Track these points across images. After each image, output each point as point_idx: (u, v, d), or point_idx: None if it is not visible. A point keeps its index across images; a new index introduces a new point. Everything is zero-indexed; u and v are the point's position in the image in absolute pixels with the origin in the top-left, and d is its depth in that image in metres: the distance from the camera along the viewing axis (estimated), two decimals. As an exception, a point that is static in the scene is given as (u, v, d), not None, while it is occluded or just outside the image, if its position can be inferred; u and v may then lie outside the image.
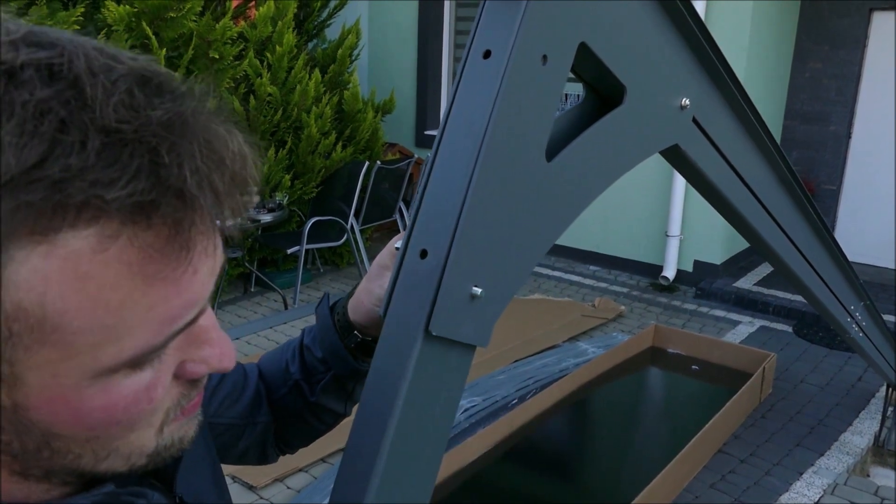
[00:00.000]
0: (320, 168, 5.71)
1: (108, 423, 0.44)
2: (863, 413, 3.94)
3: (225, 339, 0.49)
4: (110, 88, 0.38)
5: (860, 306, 2.10)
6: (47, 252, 0.37)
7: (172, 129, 0.39)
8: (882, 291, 5.61)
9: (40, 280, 0.37)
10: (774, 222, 1.24)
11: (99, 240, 0.38)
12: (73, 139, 0.36)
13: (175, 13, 4.59)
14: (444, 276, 0.59)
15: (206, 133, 0.41)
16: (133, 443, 0.47)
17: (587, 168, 0.72)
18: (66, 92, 0.37)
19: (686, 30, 0.81)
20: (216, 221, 0.44)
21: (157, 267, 0.40)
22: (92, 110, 0.37)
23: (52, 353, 0.40)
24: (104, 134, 0.37)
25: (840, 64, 6.09)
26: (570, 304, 5.39)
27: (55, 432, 0.43)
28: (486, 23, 0.62)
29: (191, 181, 0.39)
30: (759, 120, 1.04)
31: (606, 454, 3.67)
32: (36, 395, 0.41)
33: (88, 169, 0.36)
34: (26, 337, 0.38)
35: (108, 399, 0.43)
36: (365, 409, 0.62)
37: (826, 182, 6.33)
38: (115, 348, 0.41)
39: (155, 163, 0.38)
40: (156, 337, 0.43)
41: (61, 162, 0.36)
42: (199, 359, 0.48)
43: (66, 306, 0.38)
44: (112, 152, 0.37)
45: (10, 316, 0.38)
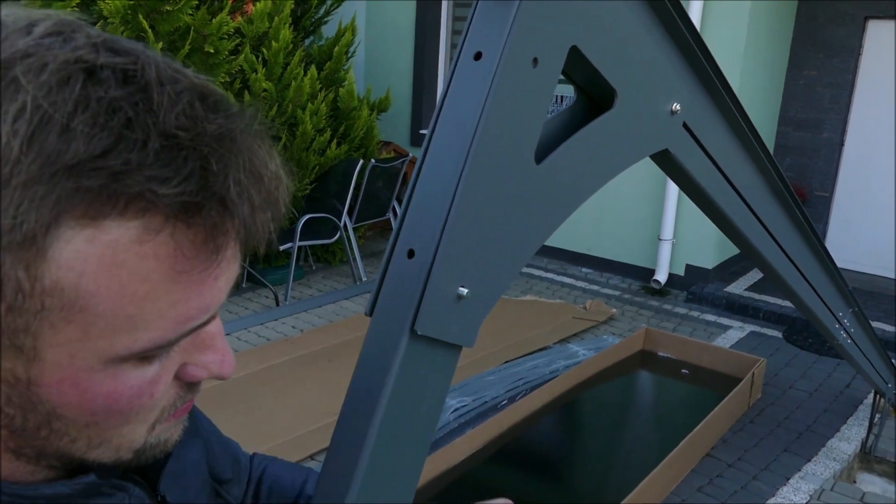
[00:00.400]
0: (314, 165, 5.70)
1: (110, 411, 0.46)
2: (850, 419, 3.96)
3: (228, 349, 0.52)
4: (174, 98, 0.42)
5: (848, 313, 2.11)
6: (92, 236, 0.40)
7: (223, 142, 0.43)
8: (871, 299, 5.64)
9: (80, 261, 0.40)
10: (764, 227, 1.25)
11: (142, 232, 0.41)
12: (136, 137, 0.40)
13: (171, 6, 4.58)
14: (430, 276, 0.59)
15: (250, 152, 0.45)
16: (125, 435, 0.49)
17: (576, 171, 0.72)
18: (136, 95, 0.41)
19: (678, 35, 0.82)
20: (243, 234, 0.46)
21: (187, 266, 0.43)
22: (156, 115, 0.41)
23: (74, 333, 0.42)
24: (164, 137, 0.40)
25: (834, 72, 6.12)
26: (561, 305, 5.39)
27: (59, 413, 0.45)
28: (478, 25, 0.62)
29: (233, 191, 0.43)
30: (749, 126, 1.05)
31: (595, 456, 3.68)
32: (49, 373, 0.43)
33: (146, 165, 0.40)
34: (56, 313, 0.41)
35: (114, 387, 0.45)
36: (349, 407, 0.62)
37: (818, 189, 6.35)
38: (130, 337, 0.43)
39: (205, 169, 0.42)
40: (169, 333, 0.45)
41: (123, 156, 0.39)
42: (201, 363, 0.50)
43: (98, 290, 0.41)
44: (169, 154, 0.40)
45: (47, 291, 0.40)
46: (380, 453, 0.60)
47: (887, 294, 5.79)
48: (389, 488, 0.62)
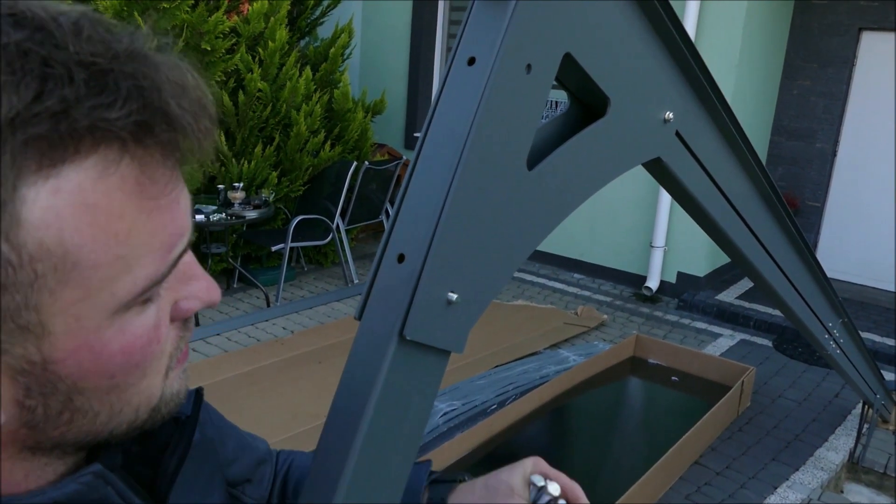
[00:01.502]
0: (308, 166, 5.70)
1: (127, 366, 0.45)
2: (839, 429, 3.98)
3: (207, 275, 0.51)
4: (74, 28, 0.40)
5: (838, 323, 2.11)
6: (55, 188, 0.38)
7: (139, 60, 0.41)
8: (862, 309, 5.66)
9: (54, 217, 0.38)
10: (754, 237, 1.25)
11: (102, 167, 0.40)
12: (60, 73, 0.38)
13: (168, 3, 4.57)
14: (420, 281, 0.59)
15: (165, 65, 0.43)
16: (143, 391, 0.48)
17: (568, 178, 0.72)
18: (37, 34, 0.39)
19: (672, 43, 0.82)
20: (192, 146, 0.45)
21: (154, 190, 0.42)
22: (65, 48, 0.39)
23: (75, 293, 0.41)
24: (84, 67, 0.39)
25: (828, 82, 6.15)
26: (552, 311, 5.40)
27: (80, 387, 0.44)
28: (472, 30, 0.62)
29: (172, 103, 0.42)
30: (741, 135, 1.05)
31: (584, 462, 3.68)
32: (62, 345, 0.42)
33: (83, 97, 0.38)
34: (51, 278, 0.39)
35: (125, 339, 0.44)
36: (337, 411, 0.61)
37: (811, 199, 6.38)
38: (129, 279, 0.42)
39: (138, 87, 0.40)
40: (160, 265, 0.44)
41: (57, 94, 0.37)
42: (189, 294, 0.49)
43: (83, 240, 0.39)
44: (98, 81, 0.39)
45: (35, 256, 0.38)
46: (367, 456, 0.60)
47: (878, 305, 5.82)
48: (376, 491, 0.61)
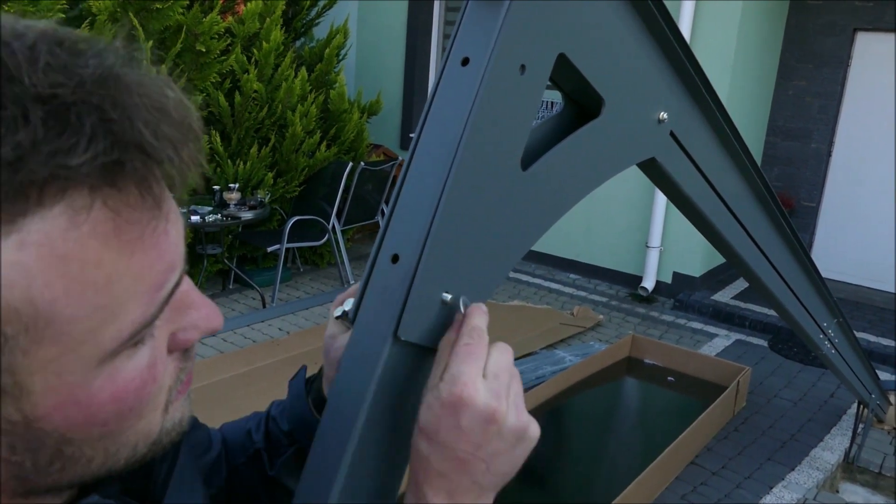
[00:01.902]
0: (304, 167, 5.69)
1: (120, 413, 0.42)
2: (834, 429, 3.99)
3: (207, 301, 0.48)
4: (30, 54, 0.35)
5: (833, 323, 2.12)
6: (20, 242, 0.35)
7: (108, 84, 0.37)
8: (857, 309, 5.68)
9: (20, 274, 0.35)
10: (749, 237, 1.25)
11: (70, 215, 0.36)
12: (13, 113, 0.34)
13: (161, 4, 4.57)
14: (414, 282, 0.59)
15: (140, 87, 0.39)
16: (141, 430, 0.45)
17: (562, 178, 0.72)
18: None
19: (666, 44, 0.82)
20: (175, 176, 0.41)
21: (134, 232, 0.39)
22: (20, 81, 0.34)
23: (52, 350, 0.38)
24: (42, 102, 0.34)
25: (823, 82, 6.17)
26: (548, 311, 5.40)
27: (69, 438, 0.41)
28: (466, 30, 0.62)
29: (146, 133, 0.37)
30: (736, 135, 1.05)
31: (580, 462, 3.68)
32: (44, 402, 0.39)
33: (41, 141, 0.34)
34: (22, 338, 0.36)
35: (116, 387, 0.41)
36: (331, 411, 0.61)
37: (806, 199, 6.40)
38: (113, 328, 0.39)
39: (105, 120, 0.36)
40: (149, 307, 0.41)
41: (10, 140, 0.33)
42: (188, 325, 0.46)
43: (55, 294, 0.36)
44: (58, 119, 0.35)
45: (2, 319, 0.35)
46: (361, 457, 0.60)
47: (873, 304, 5.83)
48: (370, 491, 0.61)
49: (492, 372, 0.55)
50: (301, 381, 0.80)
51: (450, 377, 0.54)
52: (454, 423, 0.53)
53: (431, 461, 0.54)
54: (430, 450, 0.54)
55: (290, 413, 0.79)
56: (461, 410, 0.53)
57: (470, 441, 0.53)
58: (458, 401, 0.53)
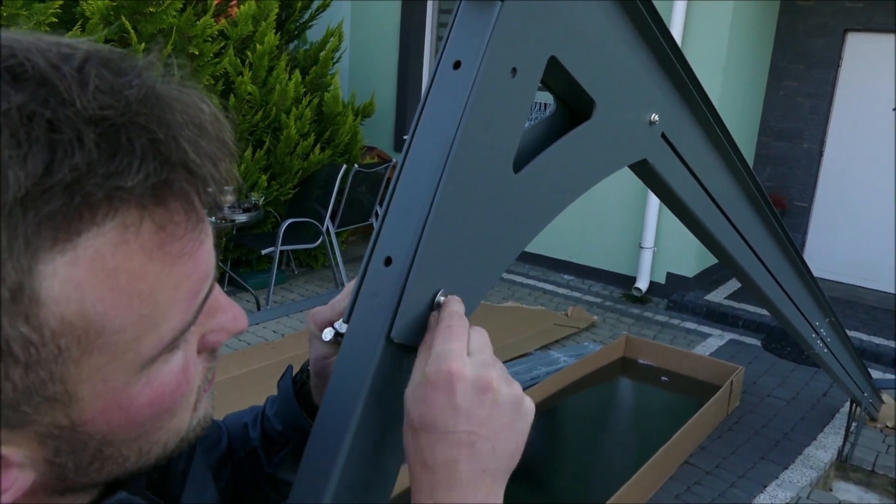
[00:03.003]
0: (298, 169, 5.69)
1: (157, 415, 0.44)
2: (827, 428, 4.00)
3: (233, 303, 0.50)
4: (80, 77, 0.37)
5: (825, 322, 2.13)
6: (73, 259, 0.36)
7: (151, 104, 0.38)
8: (849, 308, 5.70)
9: (74, 289, 0.37)
10: (740, 237, 1.26)
11: (120, 231, 0.37)
12: (68, 137, 0.35)
13: (155, 8, 4.56)
14: (407, 284, 0.59)
15: (179, 103, 0.40)
16: (173, 429, 0.47)
17: (555, 180, 0.72)
18: (40, 92, 0.35)
19: (657, 46, 0.82)
20: (215, 190, 0.43)
21: (177, 246, 0.40)
22: (72, 104, 0.36)
23: (100, 359, 0.39)
24: (94, 125, 0.36)
25: (814, 83, 6.19)
26: (542, 312, 5.41)
27: (109, 440, 0.43)
28: (457, 34, 0.63)
29: (191, 152, 0.39)
30: (727, 136, 1.06)
31: (575, 462, 3.69)
32: (90, 408, 0.41)
33: (96, 163, 0.35)
34: (74, 349, 0.38)
35: (154, 391, 0.43)
36: (325, 413, 0.62)
37: (798, 199, 6.43)
38: (154, 336, 0.41)
39: (153, 140, 0.37)
40: (186, 315, 0.43)
41: (67, 163, 0.35)
42: (217, 327, 0.48)
43: (105, 307, 0.38)
44: (110, 141, 0.36)
45: (57, 332, 0.37)
46: (355, 457, 0.60)
47: (865, 304, 5.86)
48: (364, 492, 0.62)
49: (475, 347, 0.56)
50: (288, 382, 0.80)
51: (435, 357, 0.54)
52: (449, 402, 0.52)
53: (436, 455, 0.52)
54: (429, 441, 0.53)
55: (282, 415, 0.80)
56: (454, 386, 0.52)
57: (469, 417, 0.52)
58: (448, 376, 0.52)
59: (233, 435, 0.83)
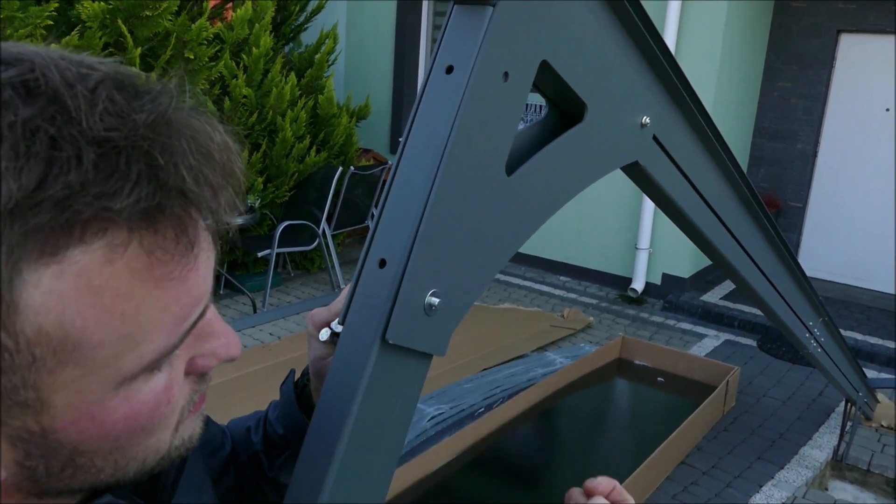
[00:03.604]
0: (293, 172, 5.70)
1: (132, 431, 0.44)
2: (823, 427, 4.02)
3: (229, 329, 0.50)
4: (91, 98, 0.38)
5: (818, 322, 2.14)
6: (59, 272, 0.37)
7: (159, 129, 0.39)
8: (844, 308, 5.72)
9: (56, 301, 0.37)
10: (733, 237, 1.27)
11: (108, 251, 0.38)
12: (67, 155, 0.36)
13: (151, 12, 4.56)
14: (401, 286, 0.60)
15: (189, 129, 0.41)
16: (150, 447, 0.47)
17: (547, 183, 0.73)
18: (49, 108, 0.37)
19: (647, 50, 0.83)
20: (211, 218, 0.44)
21: (165, 269, 0.41)
22: (79, 123, 0.37)
23: (75, 372, 0.40)
24: (96, 145, 0.37)
25: (808, 84, 6.22)
26: (539, 314, 5.42)
27: (81, 450, 0.43)
28: (450, 39, 0.63)
29: (189, 179, 0.40)
30: (718, 138, 1.07)
31: (572, 463, 3.69)
32: (62, 416, 0.41)
33: (89, 183, 0.36)
34: (49, 360, 0.38)
35: (131, 408, 0.43)
36: (320, 414, 0.62)
37: (793, 199, 6.45)
38: (134, 355, 0.41)
39: (152, 166, 0.38)
40: (171, 338, 0.43)
41: (61, 180, 0.36)
42: (207, 352, 0.48)
43: (85, 322, 0.38)
44: (108, 163, 0.37)
45: (33, 341, 0.38)
46: (351, 458, 0.61)
47: (859, 303, 5.88)
48: (360, 492, 0.62)
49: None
50: (290, 387, 0.81)
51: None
52: None
53: None
54: None
55: (284, 419, 0.81)
56: None
57: None
58: None
59: (236, 439, 0.84)
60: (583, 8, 0.72)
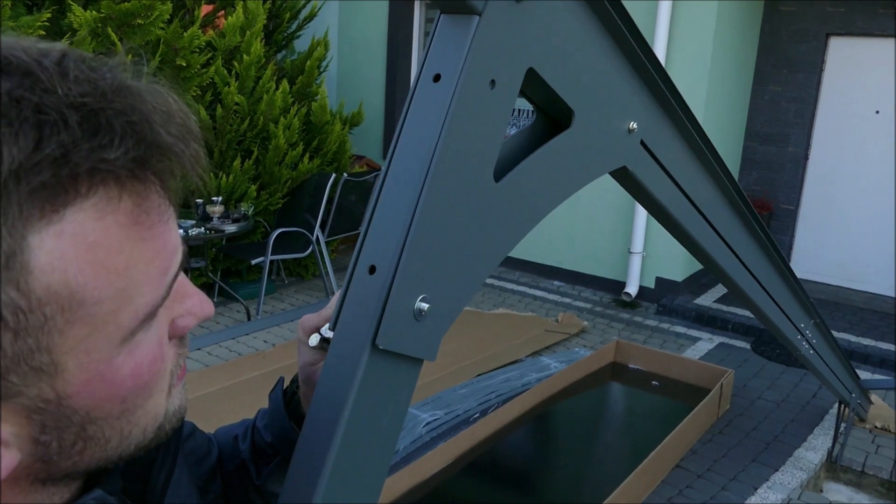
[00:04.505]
0: (287, 179, 5.70)
1: (137, 388, 0.46)
2: (817, 429, 4.03)
3: (198, 290, 0.52)
4: (59, 69, 0.40)
5: (810, 324, 2.15)
6: (59, 231, 0.39)
7: (123, 94, 0.42)
8: (837, 310, 5.74)
9: (59, 259, 0.39)
10: (723, 241, 1.28)
11: (102, 205, 0.40)
12: (54, 118, 0.38)
13: (143, 20, 4.57)
14: (391, 292, 0.60)
15: (149, 94, 0.44)
16: (150, 411, 0.49)
17: (536, 188, 0.74)
18: (25, 80, 0.39)
19: (633, 56, 0.84)
20: (185, 170, 0.46)
21: (148, 222, 0.43)
22: (54, 91, 0.39)
23: (82, 330, 0.41)
24: (76, 109, 0.39)
25: (798, 87, 6.26)
26: (533, 318, 5.43)
27: (93, 416, 0.45)
28: (437, 48, 0.64)
29: (163, 133, 0.43)
30: (706, 142, 1.08)
31: (567, 468, 3.70)
32: (75, 380, 0.43)
33: (80, 140, 0.39)
34: (59, 319, 0.40)
35: (135, 362, 0.45)
36: (311, 420, 0.63)
37: (784, 202, 6.48)
38: (131, 310, 0.43)
39: (129, 122, 0.41)
40: (158, 290, 0.45)
41: (55, 140, 0.38)
42: (185, 311, 0.50)
43: (86, 279, 0.40)
44: (91, 122, 0.39)
45: (43, 301, 0.39)
46: (343, 463, 0.61)
47: (852, 305, 5.90)
48: (352, 497, 0.63)
49: None
50: (279, 394, 0.82)
51: None
52: None
53: None
54: None
55: (272, 426, 0.81)
56: None
57: None
58: None
59: (223, 448, 0.84)
60: (569, 16, 0.73)
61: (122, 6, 4.45)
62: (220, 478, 0.82)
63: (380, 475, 0.65)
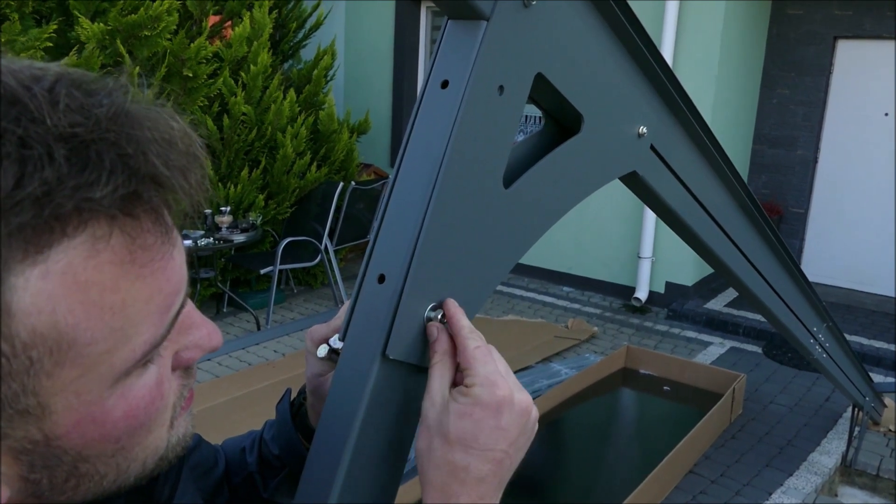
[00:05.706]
0: (294, 188, 5.71)
1: (132, 429, 0.44)
2: (831, 433, 4.00)
3: (207, 320, 0.50)
4: (49, 97, 0.38)
5: (823, 327, 2.13)
6: (45, 271, 0.37)
7: (120, 122, 0.40)
8: (848, 313, 5.71)
9: (46, 300, 0.37)
10: (734, 245, 1.27)
11: (92, 244, 0.38)
12: (38, 153, 0.36)
13: (149, 31, 4.59)
14: (401, 301, 0.60)
15: (149, 119, 0.41)
16: (149, 446, 0.47)
17: (545, 194, 0.73)
18: (11, 110, 0.37)
19: (643, 61, 0.84)
20: (185, 201, 0.44)
21: (146, 258, 0.41)
22: (42, 122, 0.37)
23: (72, 372, 0.40)
24: (64, 141, 0.37)
25: (806, 90, 6.23)
26: (543, 325, 5.41)
27: (84, 455, 0.43)
28: (445, 54, 0.64)
29: (159, 165, 0.40)
30: (716, 146, 1.07)
31: (578, 475, 3.68)
32: (64, 421, 0.41)
33: (65, 177, 0.36)
34: (47, 361, 0.38)
35: (129, 404, 0.43)
36: (322, 432, 0.62)
37: (794, 205, 6.44)
38: (127, 350, 0.41)
39: (122, 155, 0.39)
40: (158, 329, 0.43)
41: (37, 177, 0.36)
42: (190, 344, 0.48)
43: (77, 319, 0.38)
44: (80, 156, 0.37)
45: (29, 344, 0.37)
46: (354, 475, 0.60)
47: (864, 308, 5.87)
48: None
49: (503, 368, 0.60)
50: (286, 406, 0.81)
51: (484, 381, 0.57)
52: (495, 424, 0.57)
53: (471, 469, 0.56)
54: (468, 458, 0.56)
55: (279, 438, 0.80)
56: (503, 410, 0.57)
57: (508, 438, 0.57)
58: (501, 401, 0.57)
59: (230, 460, 0.83)
60: (577, 19, 0.72)
61: (129, 18, 4.48)
62: (228, 490, 0.81)
63: (392, 486, 0.65)
